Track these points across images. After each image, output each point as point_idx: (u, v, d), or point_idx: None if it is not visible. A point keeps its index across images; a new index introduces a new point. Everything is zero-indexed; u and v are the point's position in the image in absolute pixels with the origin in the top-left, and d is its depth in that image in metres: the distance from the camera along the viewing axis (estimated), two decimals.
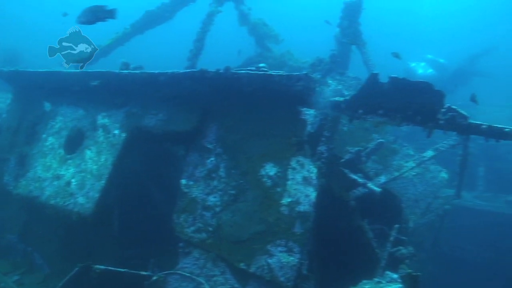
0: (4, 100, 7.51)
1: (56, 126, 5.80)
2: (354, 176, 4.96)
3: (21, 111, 6.40)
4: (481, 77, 14.96)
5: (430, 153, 6.36)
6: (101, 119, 5.35)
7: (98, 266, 4.16)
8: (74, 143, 5.47)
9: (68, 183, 5.18)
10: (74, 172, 5.21)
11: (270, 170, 4.28)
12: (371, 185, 4.92)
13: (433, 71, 14.11)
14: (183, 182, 4.59)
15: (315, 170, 4.17)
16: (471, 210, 9.58)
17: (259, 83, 4.33)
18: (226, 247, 4.16)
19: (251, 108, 4.55)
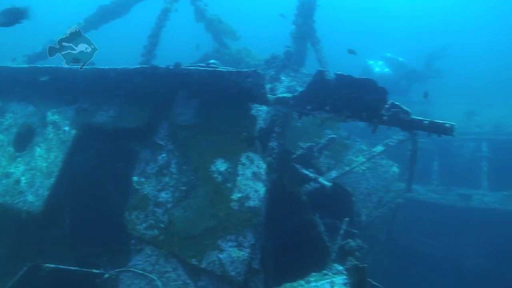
0: None
1: (5, 123, 5.62)
2: (306, 171, 5.05)
3: None
4: (433, 77, 15.33)
5: (380, 148, 6.55)
6: (51, 116, 5.24)
7: (48, 265, 4.09)
8: (24, 140, 5.34)
9: (18, 181, 5.04)
10: (24, 170, 5.09)
11: (221, 166, 4.31)
12: (322, 180, 5.03)
13: (389, 70, 14.31)
14: (135, 179, 4.56)
15: (265, 166, 4.23)
16: (425, 203, 9.93)
17: (209, 80, 4.36)
18: (177, 243, 4.16)
19: (202, 104, 4.57)
